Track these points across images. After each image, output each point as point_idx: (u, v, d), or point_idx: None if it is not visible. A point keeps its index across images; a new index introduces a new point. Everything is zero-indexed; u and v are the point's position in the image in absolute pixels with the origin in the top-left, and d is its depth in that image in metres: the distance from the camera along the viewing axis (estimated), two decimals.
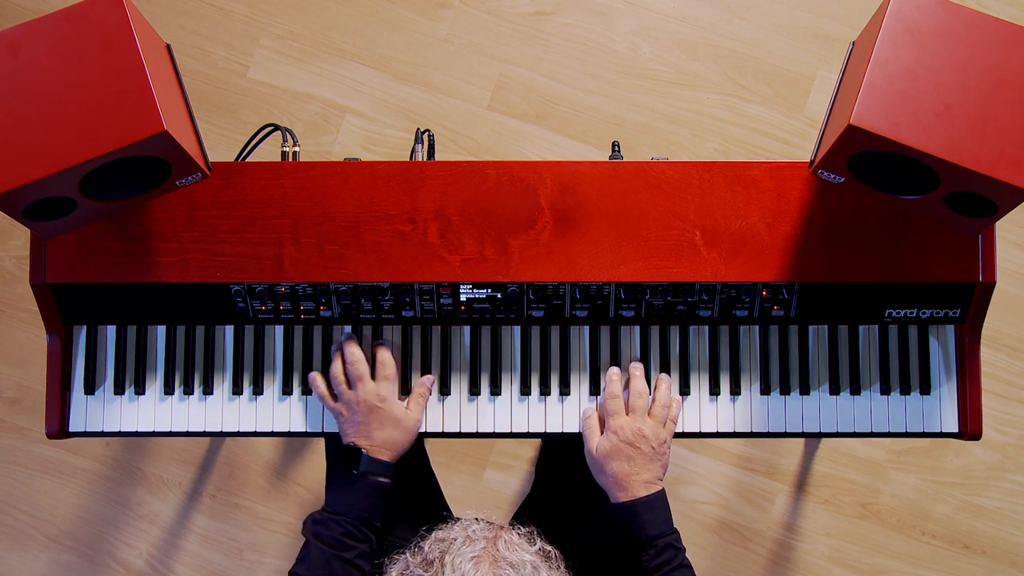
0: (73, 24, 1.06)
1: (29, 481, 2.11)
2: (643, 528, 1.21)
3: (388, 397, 1.29)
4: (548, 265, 1.29)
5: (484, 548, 1.05)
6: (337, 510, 1.24)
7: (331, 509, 1.24)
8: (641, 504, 1.22)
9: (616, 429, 1.26)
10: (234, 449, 2.10)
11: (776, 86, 2.18)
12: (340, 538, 1.21)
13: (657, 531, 1.21)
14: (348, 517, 1.23)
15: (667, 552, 1.20)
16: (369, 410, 1.27)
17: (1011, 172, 1.02)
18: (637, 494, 1.22)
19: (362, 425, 1.27)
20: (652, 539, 1.20)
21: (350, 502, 1.24)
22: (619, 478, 1.24)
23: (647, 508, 1.22)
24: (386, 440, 1.27)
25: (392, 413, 1.28)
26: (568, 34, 2.19)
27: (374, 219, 1.29)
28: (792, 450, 2.10)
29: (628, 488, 1.23)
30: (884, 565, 2.08)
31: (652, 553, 1.20)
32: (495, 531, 1.09)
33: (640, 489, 1.23)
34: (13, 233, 2.16)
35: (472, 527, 1.10)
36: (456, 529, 1.10)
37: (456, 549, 1.05)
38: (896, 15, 1.06)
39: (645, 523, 1.21)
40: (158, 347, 1.35)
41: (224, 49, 2.20)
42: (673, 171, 1.29)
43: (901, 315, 1.33)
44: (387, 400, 1.28)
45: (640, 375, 1.30)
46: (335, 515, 1.23)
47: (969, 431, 1.33)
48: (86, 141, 1.04)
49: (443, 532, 1.10)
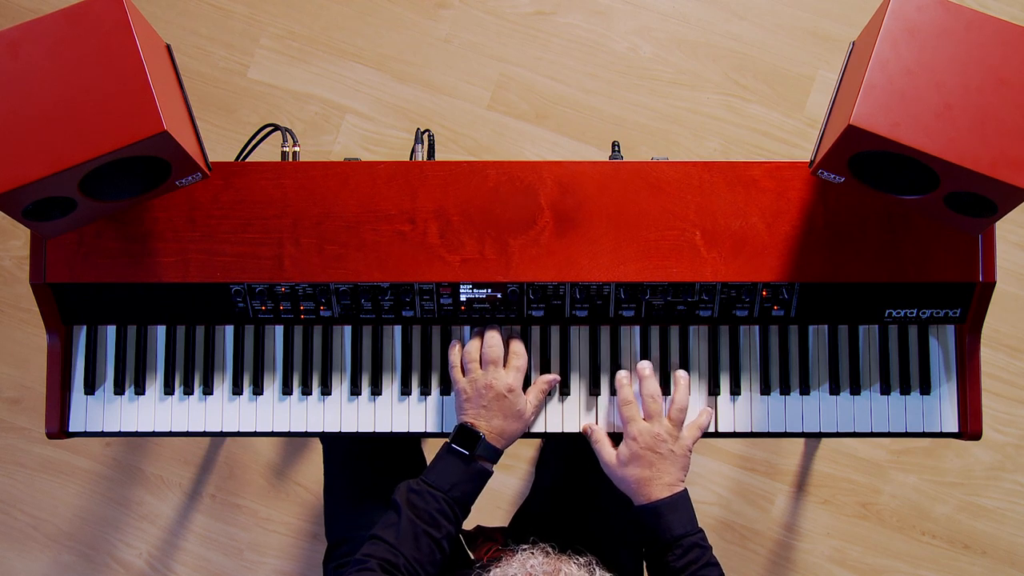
0: (73, 24, 1.06)
1: (29, 481, 2.11)
2: (668, 528, 1.21)
3: (516, 388, 1.28)
4: (548, 265, 1.29)
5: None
6: (439, 485, 1.22)
7: (433, 482, 1.23)
8: (664, 505, 1.22)
9: (635, 435, 1.25)
10: (234, 449, 2.10)
11: (776, 86, 2.18)
12: (434, 514, 1.20)
13: (682, 531, 1.21)
14: (448, 495, 1.22)
15: (693, 551, 1.20)
16: (496, 397, 1.27)
17: (1011, 172, 1.02)
18: (659, 496, 1.22)
19: (485, 409, 1.27)
20: (677, 539, 1.20)
21: (454, 481, 1.23)
22: (641, 483, 1.23)
23: (670, 508, 1.22)
24: (504, 430, 1.27)
25: (516, 405, 1.28)
26: (568, 34, 2.19)
27: (374, 219, 1.29)
28: (792, 450, 2.10)
29: (650, 492, 1.23)
30: (884, 565, 2.08)
31: (678, 553, 1.20)
32: (554, 563, 1.07)
33: (663, 491, 1.23)
34: (13, 233, 2.16)
35: (530, 561, 1.08)
36: (515, 565, 1.08)
37: None
38: (896, 15, 1.06)
39: (670, 523, 1.21)
40: (158, 347, 1.35)
41: (224, 49, 2.20)
42: (673, 171, 1.29)
43: (901, 315, 1.33)
44: (514, 391, 1.28)
45: (649, 374, 1.29)
46: (435, 489, 1.22)
47: (969, 431, 1.33)
48: (86, 141, 1.04)
49: (501, 569, 1.08)
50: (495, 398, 1.27)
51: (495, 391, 1.27)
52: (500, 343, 1.31)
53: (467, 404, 1.28)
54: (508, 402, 1.28)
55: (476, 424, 1.26)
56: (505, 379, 1.28)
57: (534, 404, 1.31)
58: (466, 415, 1.28)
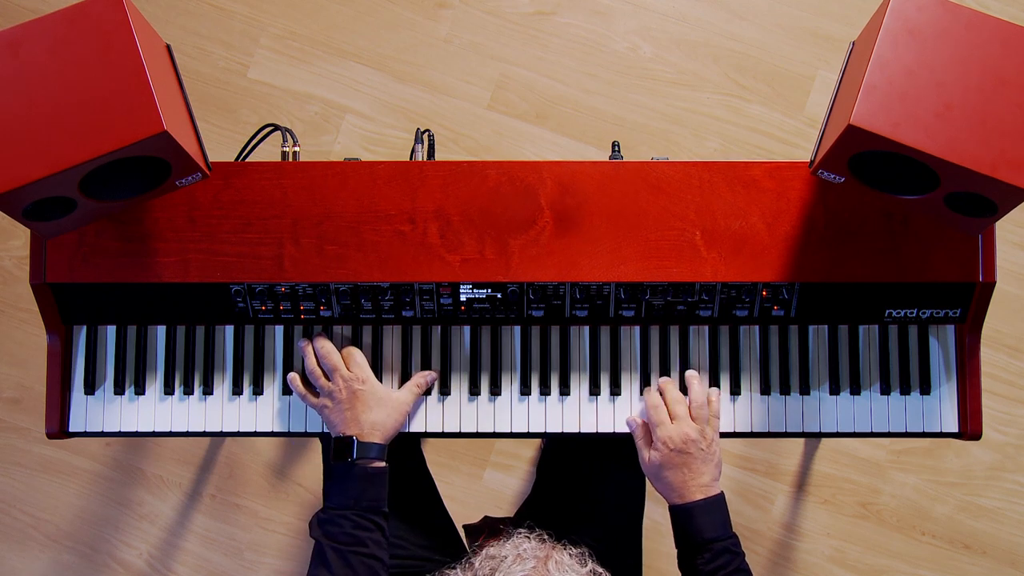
0: (73, 24, 1.06)
1: (29, 481, 2.10)
2: (700, 531, 1.21)
3: (368, 379, 1.28)
4: (548, 265, 1.29)
5: (534, 567, 1.03)
6: (341, 505, 1.22)
7: (335, 505, 1.22)
8: (697, 507, 1.22)
9: (664, 439, 1.25)
10: (234, 449, 2.10)
11: (776, 86, 2.18)
12: (352, 532, 1.20)
13: (713, 535, 1.21)
14: (354, 510, 1.21)
15: (723, 556, 1.20)
16: (352, 394, 1.27)
17: (1011, 172, 1.02)
18: (694, 497, 1.23)
19: (348, 411, 1.26)
20: (708, 542, 1.20)
21: (352, 494, 1.22)
22: (676, 486, 1.24)
23: (703, 511, 1.22)
24: (375, 422, 1.26)
25: (376, 393, 1.28)
26: (568, 34, 2.19)
27: (374, 219, 1.29)
28: (792, 450, 2.10)
29: (685, 494, 1.23)
30: (884, 565, 2.08)
31: (708, 557, 1.20)
32: (547, 550, 1.07)
33: (697, 493, 1.23)
34: (13, 233, 2.16)
35: (524, 545, 1.08)
36: (507, 547, 1.08)
37: (506, 568, 1.04)
38: (896, 15, 1.06)
39: (701, 526, 1.21)
40: (158, 347, 1.35)
41: (224, 49, 2.20)
42: (673, 171, 1.29)
43: (901, 315, 1.33)
44: (367, 381, 1.28)
45: (672, 386, 1.30)
46: (340, 510, 1.21)
47: (969, 431, 1.33)
48: (86, 141, 1.04)
49: (494, 549, 1.08)
50: (351, 396, 1.27)
51: (348, 389, 1.27)
52: (333, 348, 1.31)
53: (333, 416, 1.28)
54: (366, 393, 1.27)
55: (346, 431, 1.26)
56: (353, 375, 1.28)
57: (405, 392, 1.30)
58: (336, 428, 1.27)
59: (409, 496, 1.44)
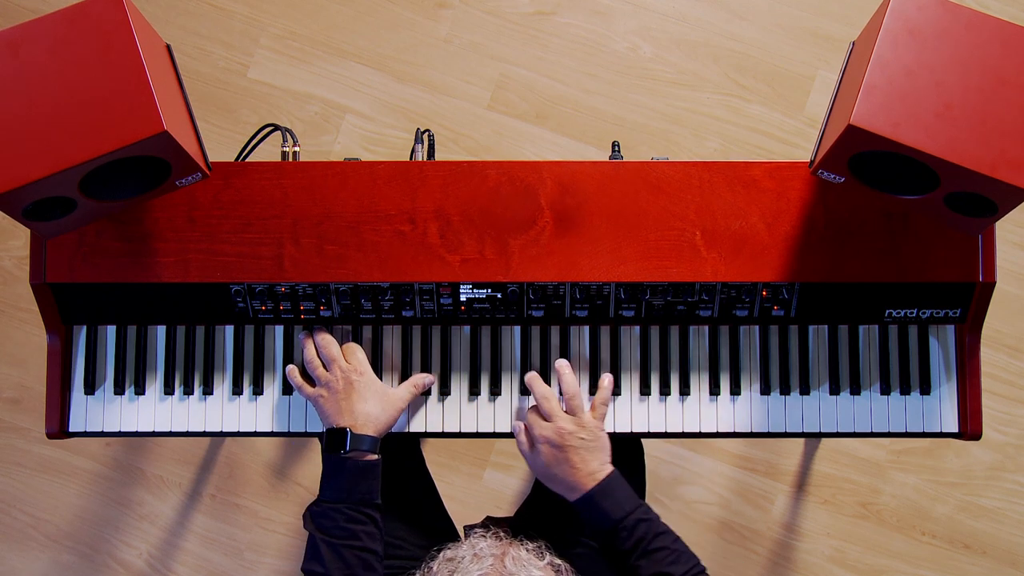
0: (73, 24, 1.06)
1: (29, 481, 2.10)
2: (607, 515, 1.20)
3: (365, 371, 1.29)
4: (548, 265, 1.29)
5: (492, 565, 1.04)
6: (334, 498, 1.22)
7: (328, 498, 1.22)
8: (596, 493, 1.21)
9: (541, 439, 1.25)
10: (234, 449, 2.10)
11: (776, 86, 2.18)
12: (345, 526, 1.20)
13: (621, 513, 1.20)
14: (347, 503, 1.21)
15: (639, 527, 1.19)
16: (348, 385, 1.27)
17: (1011, 172, 1.02)
18: (588, 487, 1.22)
19: (343, 401, 1.26)
20: (619, 522, 1.19)
21: (345, 487, 1.22)
22: (567, 481, 1.23)
23: (603, 495, 1.21)
24: (369, 414, 1.26)
25: (372, 385, 1.28)
26: (568, 34, 2.19)
27: (374, 219, 1.29)
28: (792, 450, 2.10)
29: (577, 486, 1.22)
30: (884, 565, 2.08)
31: (624, 536, 1.19)
32: (503, 547, 1.07)
33: (589, 482, 1.22)
34: (13, 233, 2.16)
35: (480, 544, 1.09)
36: (464, 548, 1.09)
37: (464, 568, 1.04)
38: (896, 15, 1.06)
39: (607, 509, 1.20)
40: (158, 347, 1.35)
41: (224, 49, 2.20)
42: (673, 171, 1.29)
43: (901, 315, 1.33)
44: (365, 374, 1.28)
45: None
46: (333, 504, 1.21)
47: (969, 431, 1.33)
48: (86, 141, 1.04)
49: (452, 551, 1.09)
50: (347, 386, 1.27)
51: (345, 379, 1.27)
52: (332, 340, 1.31)
53: (328, 407, 1.27)
54: (362, 384, 1.27)
55: (340, 423, 1.25)
56: (351, 366, 1.28)
57: (402, 390, 1.30)
58: (330, 419, 1.27)
59: (409, 496, 1.44)
